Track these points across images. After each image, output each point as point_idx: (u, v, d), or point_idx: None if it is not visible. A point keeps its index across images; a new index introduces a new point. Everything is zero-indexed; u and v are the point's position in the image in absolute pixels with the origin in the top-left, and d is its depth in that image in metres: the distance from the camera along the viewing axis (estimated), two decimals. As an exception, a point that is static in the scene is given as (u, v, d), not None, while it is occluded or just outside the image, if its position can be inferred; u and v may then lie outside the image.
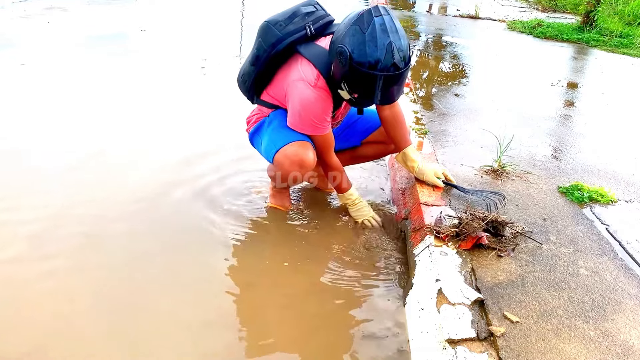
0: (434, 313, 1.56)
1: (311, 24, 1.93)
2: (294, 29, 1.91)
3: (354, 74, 1.73)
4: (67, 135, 2.90)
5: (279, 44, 1.91)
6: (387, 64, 1.69)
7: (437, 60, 4.90)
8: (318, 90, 1.87)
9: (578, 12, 7.76)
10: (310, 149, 1.97)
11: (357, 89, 1.78)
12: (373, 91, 1.75)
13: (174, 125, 3.14)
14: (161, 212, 2.22)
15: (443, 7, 8.48)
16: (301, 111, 1.90)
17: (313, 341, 1.62)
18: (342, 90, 1.84)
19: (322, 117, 1.92)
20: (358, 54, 1.69)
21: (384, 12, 1.72)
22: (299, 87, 1.88)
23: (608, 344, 1.47)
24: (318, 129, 1.94)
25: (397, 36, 1.71)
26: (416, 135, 2.84)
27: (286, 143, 1.96)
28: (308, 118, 1.91)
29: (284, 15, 1.94)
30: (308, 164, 1.96)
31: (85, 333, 1.57)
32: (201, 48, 4.96)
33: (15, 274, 1.80)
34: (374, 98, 1.79)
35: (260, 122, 2.13)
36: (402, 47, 1.72)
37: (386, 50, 1.68)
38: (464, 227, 1.87)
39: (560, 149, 2.94)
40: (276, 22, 1.92)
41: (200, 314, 1.67)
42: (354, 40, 1.70)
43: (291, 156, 1.95)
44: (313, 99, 1.87)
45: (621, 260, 1.88)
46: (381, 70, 1.70)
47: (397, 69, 1.71)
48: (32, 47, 4.57)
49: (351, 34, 1.71)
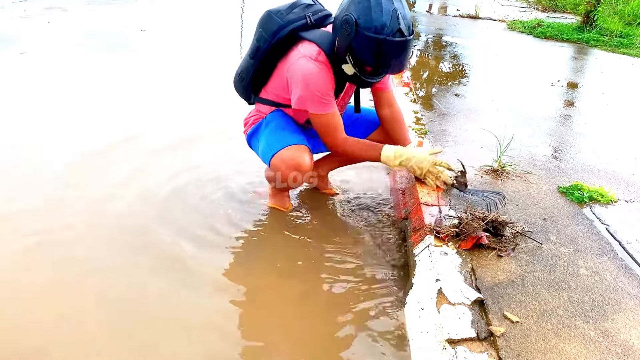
0: (434, 313, 1.56)
1: (311, 14, 1.97)
2: (295, 17, 1.95)
3: (360, 40, 1.75)
4: (67, 134, 2.89)
5: (280, 31, 1.93)
6: (393, 28, 1.72)
7: (437, 60, 4.90)
8: (319, 63, 1.87)
9: (578, 12, 7.76)
10: (307, 153, 1.97)
11: (363, 56, 1.78)
12: (379, 58, 1.76)
13: (173, 125, 3.14)
14: (160, 212, 2.22)
15: (443, 7, 8.48)
16: (304, 86, 1.89)
17: (313, 341, 1.62)
18: (347, 65, 1.84)
19: (326, 91, 1.90)
20: (364, 19, 1.72)
21: None
22: (300, 63, 1.89)
23: (608, 344, 1.47)
24: (323, 105, 1.91)
25: (401, 5, 1.76)
26: (416, 135, 2.84)
27: (283, 147, 1.96)
28: (312, 93, 1.88)
29: (284, 6, 1.98)
30: (304, 168, 1.96)
31: (87, 334, 1.56)
32: (201, 48, 4.96)
33: (17, 273, 1.80)
34: (380, 66, 1.79)
35: (258, 124, 2.13)
36: (406, 16, 1.76)
37: (392, 16, 1.72)
38: (464, 227, 1.87)
39: (560, 148, 2.94)
40: (277, 11, 1.96)
41: (199, 315, 1.67)
42: (359, 7, 1.74)
43: (287, 160, 1.95)
44: (315, 71, 1.87)
45: (621, 260, 1.88)
46: (387, 35, 1.72)
47: (403, 35, 1.74)
48: (32, 47, 4.57)
49: (357, 2, 1.74)
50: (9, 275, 1.78)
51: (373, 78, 1.88)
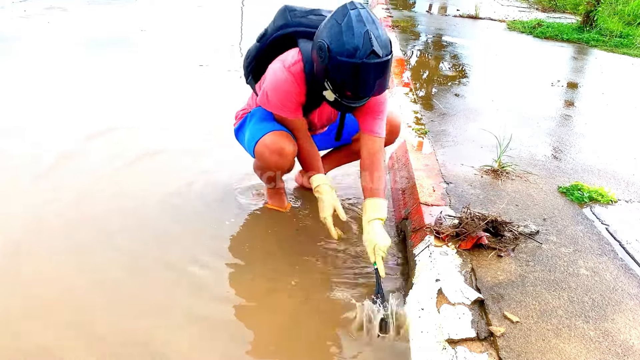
0: (434, 313, 1.56)
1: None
2: (306, 23, 1.91)
3: (335, 66, 1.67)
4: (67, 134, 2.89)
5: (285, 29, 1.92)
6: (366, 50, 1.63)
7: (437, 60, 4.90)
8: (288, 73, 1.84)
9: (578, 12, 7.75)
10: (289, 139, 1.95)
11: (339, 81, 1.71)
12: (356, 81, 1.68)
13: (172, 125, 3.14)
14: (158, 212, 2.22)
15: (443, 7, 8.48)
16: (269, 88, 1.89)
17: (312, 341, 1.62)
18: (327, 90, 1.79)
19: (286, 101, 1.89)
20: (336, 44, 1.65)
21: (360, 6, 1.69)
22: (274, 66, 1.88)
23: (608, 344, 1.47)
24: (283, 112, 1.92)
25: (374, 26, 1.65)
26: (416, 135, 2.84)
27: (265, 133, 1.96)
28: (273, 97, 1.89)
29: (304, 8, 1.96)
30: (287, 152, 1.94)
31: (88, 334, 1.57)
32: (201, 48, 4.96)
33: (20, 274, 1.80)
34: (358, 90, 1.72)
35: (244, 118, 2.15)
36: (380, 36, 1.65)
37: (364, 38, 1.62)
38: (464, 227, 1.87)
39: (560, 149, 2.94)
40: (293, 10, 1.94)
41: (198, 315, 1.67)
42: (331, 32, 1.67)
43: (270, 145, 1.94)
44: (280, 79, 1.85)
45: (621, 260, 1.88)
46: (361, 58, 1.63)
47: (378, 56, 1.64)
48: (32, 47, 4.57)
49: (329, 27, 1.68)
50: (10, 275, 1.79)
51: (355, 102, 1.80)
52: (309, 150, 2.01)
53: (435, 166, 2.48)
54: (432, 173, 2.40)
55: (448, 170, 2.45)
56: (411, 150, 2.65)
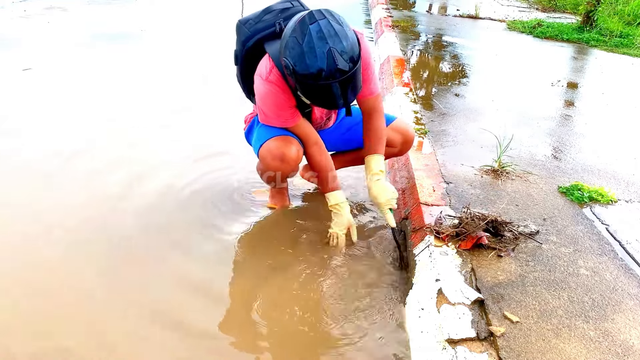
0: (434, 313, 1.56)
1: (282, 20, 1.88)
2: (263, 26, 1.89)
3: (302, 85, 1.67)
4: (67, 134, 2.90)
5: (248, 41, 1.91)
6: (330, 70, 1.59)
7: (437, 60, 4.90)
8: (269, 84, 1.82)
9: (578, 12, 7.75)
10: (294, 144, 1.95)
11: (311, 99, 1.72)
12: (327, 99, 1.68)
13: (173, 126, 3.14)
14: (158, 213, 2.22)
15: (443, 7, 8.48)
16: (261, 105, 1.90)
17: (312, 341, 1.62)
18: (302, 96, 1.77)
19: (278, 111, 1.88)
20: (300, 67, 1.61)
21: (320, 17, 1.63)
22: (256, 82, 1.87)
23: (608, 344, 1.47)
24: (282, 121, 1.91)
25: (336, 40, 1.60)
26: (416, 135, 2.84)
27: (270, 137, 1.96)
28: (267, 112, 1.90)
29: (255, 14, 1.94)
30: (289, 158, 1.94)
31: (90, 333, 1.57)
32: (201, 48, 4.96)
33: (26, 274, 1.80)
34: (331, 105, 1.72)
35: (252, 121, 2.16)
36: (344, 50, 1.60)
37: (327, 58, 1.58)
38: (464, 227, 1.87)
39: (560, 149, 2.93)
40: (246, 21, 1.92)
41: (198, 316, 1.68)
42: (293, 53, 1.62)
43: (273, 150, 1.94)
44: (264, 93, 1.85)
45: (621, 260, 1.88)
46: (327, 79, 1.60)
47: (344, 73, 1.61)
48: (32, 46, 4.57)
49: (291, 47, 1.63)
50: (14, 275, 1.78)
51: (332, 108, 1.79)
52: (318, 161, 1.99)
53: (435, 166, 2.48)
54: (432, 173, 2.40)
55: (448, 170, 2.45)
56: (411, 150, 2.65)
